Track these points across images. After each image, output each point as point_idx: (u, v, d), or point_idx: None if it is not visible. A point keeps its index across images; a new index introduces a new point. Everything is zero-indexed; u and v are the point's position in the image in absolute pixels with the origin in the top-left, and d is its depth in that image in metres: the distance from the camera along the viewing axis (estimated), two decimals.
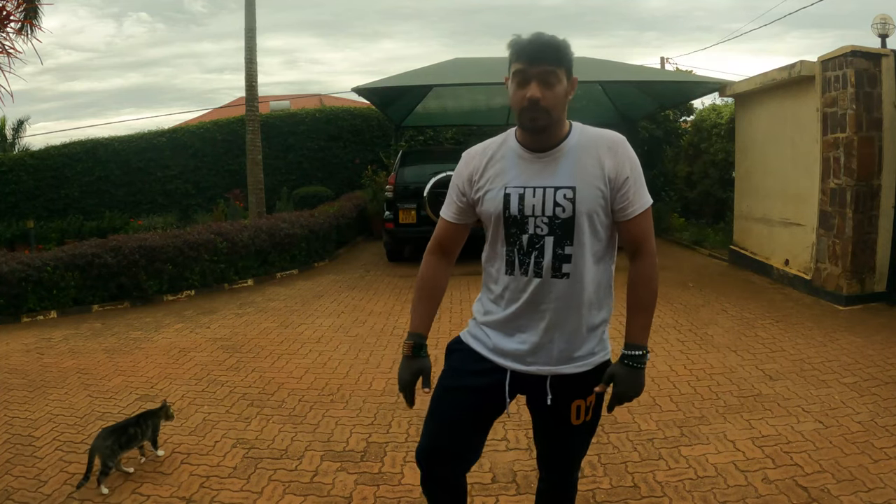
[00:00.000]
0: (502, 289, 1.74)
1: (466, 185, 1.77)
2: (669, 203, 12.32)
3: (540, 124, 1.63)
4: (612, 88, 12.17)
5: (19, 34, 4.10)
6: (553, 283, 1.68)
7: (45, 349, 5.36)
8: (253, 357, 4.91)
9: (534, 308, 1.70)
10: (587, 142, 1.70)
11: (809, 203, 6.55)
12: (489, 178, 1.72)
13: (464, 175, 1.78)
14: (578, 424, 1.76)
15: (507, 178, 1.69)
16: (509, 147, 1.74)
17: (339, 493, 2.81)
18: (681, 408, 3.64)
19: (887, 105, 5.85)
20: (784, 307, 5.98)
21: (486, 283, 1.83)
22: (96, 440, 2.96)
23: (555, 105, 1.62)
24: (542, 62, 1.59)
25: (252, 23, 10.73)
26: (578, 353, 1.74)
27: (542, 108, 1.60)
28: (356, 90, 8.86)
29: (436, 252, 1.88)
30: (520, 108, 1.63)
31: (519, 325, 1.73)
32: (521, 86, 1.62)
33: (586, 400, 1.76)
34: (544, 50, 1.60)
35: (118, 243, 7.09)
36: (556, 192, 1.65)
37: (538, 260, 1.67)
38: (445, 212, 1.85)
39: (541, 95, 1.59)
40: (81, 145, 15.41)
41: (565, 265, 1.68)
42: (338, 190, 14.31)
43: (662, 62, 18.98)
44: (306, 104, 17.65)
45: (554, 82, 1.62)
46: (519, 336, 1.73)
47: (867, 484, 2.71)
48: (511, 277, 1.71)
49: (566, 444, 1.82)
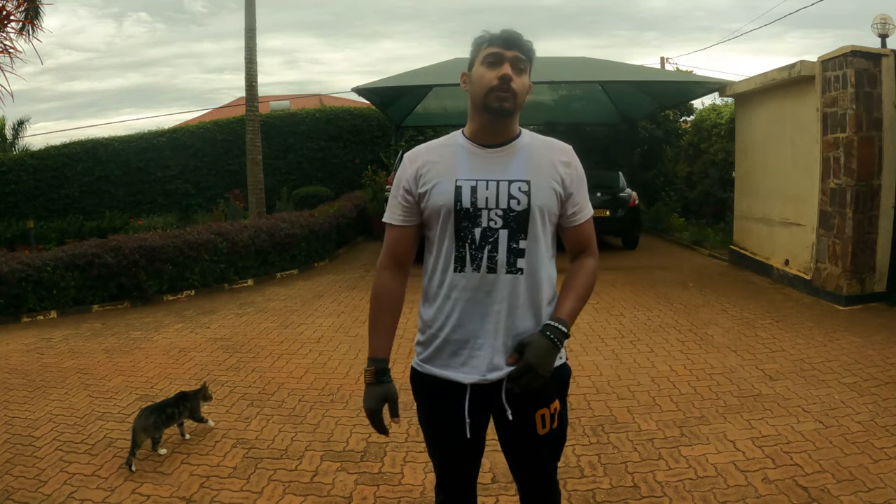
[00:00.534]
0: (449, 290, 1.65)
1: (412, 182, 1.69)
2: (669, 203, 12.32)
3: (507, 106, 1.61)
4: (612, 88, 12.17)
5: (20, 34, 4.10)
6: (507, 278, 1.62)
7: (45, 349, 5.36)
8: (253, 357, 4.91)
9: (487, 308, 1.63)
10: (540, 145, 1.70)
11: (809, 203, 6.55)
12: (438, 172, 1.66)
13: (409, 172, 1.70)
14: (545, 434, 1.68)
15: (458, 172, 1.65)
16: (458, 144, 1.71)
17: (339, 493, 2.81)
18: (681, 408, 3.64)
19: (887, 105, 5.85)
20: (784, 307, 5.98)
21: (427, 292, 1.73)
22: (138, 420, 3.21)
23: (520, 92, 1.62)
24: (515, 49, 1.62)
25: (252, 23, 10.74)
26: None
27: (513, 88, 1.60)
28: (356, 90, 8.87)
29: (389, 266, 1.75)
30: (488, 88, 1.60)
31: (471, 330, 1.64)
32: (492, 66, 1.61)
33: (550, 407, 1.68)
34: (519, 39, 1.63)
35: (118, 243, 7.09)
36: (511, 184, 1.62)
37: (492, 254, 1.62)
38: (390, 216, 1.74)
39: (513, 77, 1.60)
40: (81, 145, 15.41)
41: (520, 260, 1.63)
42: (338, 190, 14.31)
43: (662, 62, 18.99)
44: (306, 104, 17.66)
45: (524, 70, 1.64)
46: (471, 341, 1.65)
47: (867, 484, 2.71)
48: (461, 275, 1.64)
49: (536, 454, 1.74)
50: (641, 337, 5.11)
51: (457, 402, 1.67)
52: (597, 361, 4.51)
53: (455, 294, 1.65)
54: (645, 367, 4.39)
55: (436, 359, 1.70)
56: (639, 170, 13.53)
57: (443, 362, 1.69)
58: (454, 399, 1.68)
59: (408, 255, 1.76)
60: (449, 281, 1.66)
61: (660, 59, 19.30)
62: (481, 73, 1.62)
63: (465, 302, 1.64)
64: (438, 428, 1.77)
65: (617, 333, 5.24)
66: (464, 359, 1.66)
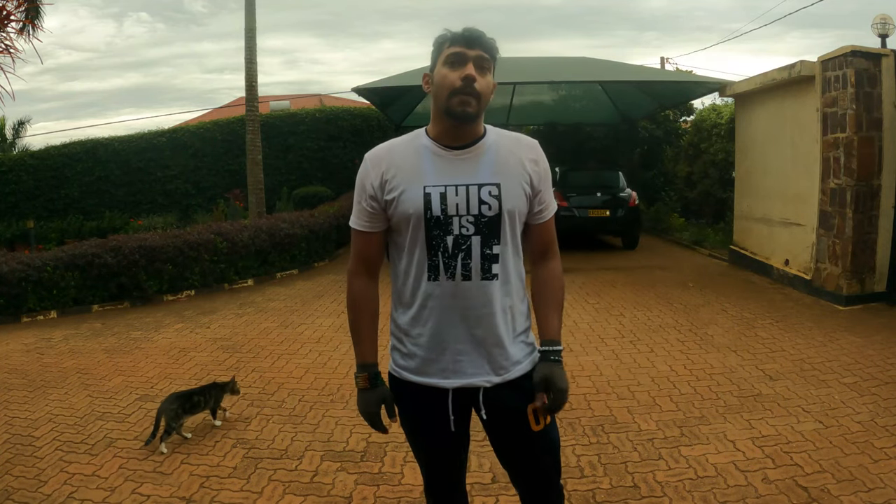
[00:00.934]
0: (424, 298, 1.61)
1: (377, 188, 1.62)
2: (669, 203, 12.32)
3: (470, 110, 1.56)
4: (612, 88, 12.17)
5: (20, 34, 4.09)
6: (482, 285, 1.59)
7: (45, 349, 5.36)
8: (253, 357, 4.91)
9: (463, 314, 1.60)
10: (507, 142, 1.66)
11: (809, 203, 6.55)
12: (403, 178, 1.60)
13: (372, 177, 1.63)
14: (540, 430, 1.63)
15: (425, 177, 1.59)
16: (422, 144, 1.64)
17: (339, 493, 2.81)
18: (681, 408, 3.64)
19: (887, 105, 5.85)
20: (784, 307, 5.98)
21: (401, 298, 1.68)
22: (164, 402, 3.36)
23: (484, 93, 1.58)
24: (478, 47, 1.57)
25: (252, 23, 10.74)
26: (516, 356, 1.66)
27: (476, 90, 1.55)
28: (356, 90, 8.87)
29: (360, 272, 1.72)
30: (451, 90, 1.55)
31: (450, 336, 1.61)
32: (455, 66, 1.56)
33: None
34: (481, 37, 1.58)
35: (118, 243, 7.10)
36: (481, 189, 1.58)
37: (465, 262, 1.58)
38: (357, 221, 1.68)
39: (476, 77, 1.55)
40: (81, 145, 15.40)
41: (494, 265, 1.60)
42: (338, 190, 14.30)
43: (662, 62, 18.98)
44: (306, 104, 17.65)
45: (487, 69, 1.59)
46: (452, 349, 1.62)
47: (867, 484, 2.71)
48: (435, 284, 1.60)
49: (533, 456, 1.71)
50: (641, 337, 5.11)
51: (440, 404, 1.66)
52: (597, 361, 4.51)
53: (430, 302, 1.62)
54: (645, 367, 4.38)
55: (414, 366, 1.67)
56: (639, 170, 13.53)
57: (422, 369, 1.66)
58: (436, 401, 1.66)
59: (377, 259, 1.73)
60: (423, 289, 1.62)
61: (660, 59, 19.31)
62: (444, 74, 1.57)
63: (441, 309, 1.61)
64: (422, 430, 1.75)
65: (617, 333, 5.23)
66: (444, 365, 1.63)
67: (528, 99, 13.64)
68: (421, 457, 1.82)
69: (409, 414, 1.75)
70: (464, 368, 1.63)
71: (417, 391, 1.68)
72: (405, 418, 1.77)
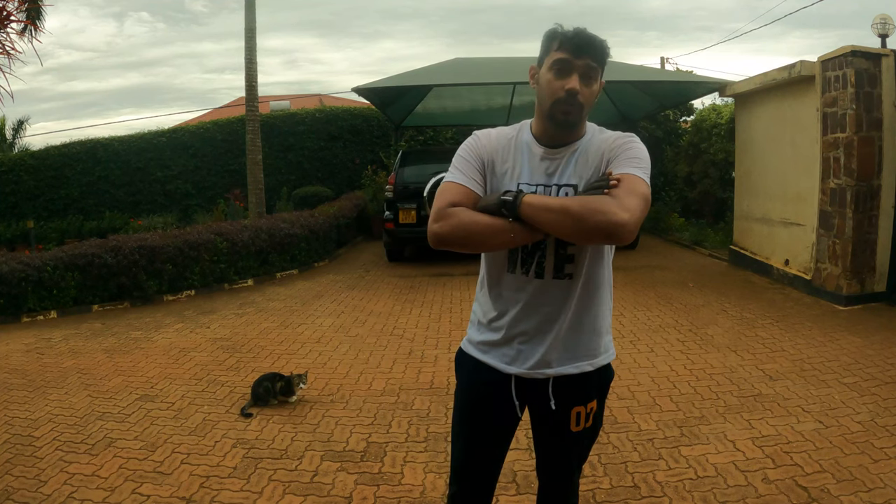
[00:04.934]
0: (502, 289, 1.68)
1: (487, 163, 1.65)
2: (669, 203, 12.32)
3: (572, 119, 1.58)
4: (612, 88, 12.15)
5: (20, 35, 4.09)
6: (554, 283, 1.63)
7: (45, 349, 5.36)
8: (253, 357, 4.91)
9: (535, 309, 1.65)
10: (599, 141, 1.64)
11: (809, 203, 6.55)
12: (505, 171, 1.65)
13: (484, 151, 1.65)
14: (578, 431, 1.71)
15: (521, 174, 1.64)
16: (523, 140, 1.67)
17: (339, 493, 2.81)
18: (681, 408, 3.64)
19: (887, 105, 5.85)
20: (784, 307, 5.98)
21: (484, 282, 1.75)
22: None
23: (588, 102, 1.57)
24: (586, 56, 1.54)
25: (252, 23, 10.74)
26: (580, 353, 1.69)
27: (579, 102, 1.55)
28: (356, 90, 8.87)
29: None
30: (554, 99, 1.56)
31: (520, 327, 1.67)
32: (560, 75, 1.55)
33: (586, 406, 1.71)
34: (591, 44, 1.55)
35: (118, 243, 7.09)
36: (560, 189, 1.61)
37: (540, 260, 1.62)
38: (460, 177, 1.62)
39: (580, 90, 1.54)
40: (81, 145, 15.41)
41: (567, 265, 1.62)
42: (338, 190, 14.31)
43: (662, 62, 18.97)
44: (306, 104, 17.66)
45: (593, 79, 1.58)
46: (520, 339, 1.67)
47: (867, 484, 2.71)
48: (512, 276, 1.66)
49: (566, 451, 1.77)
50: (641, 337, 5.11)
51: (502, 386, 1.70)
52: None
53: (506, 293, 1.68)
54: (645, 367, 4.39)
55: (483, 346, 1.73)
56: None
57: (488, 351, 1.72)
58: (498, 383, 1.71)
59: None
60: (502, 280, 1.68)
61: (660, 59, 19.30)
62: (548, 80, 1.58)
63: (515, 301, 1.66)
64: (477, 405, 1.76)
65: (617, 333, 5.24)
66: (508, 352, 1.69)
67: (528, 99, 13.61)
68: (461, 435, 1.81)
69: (466, 388, 1.79)
70: (525, 359, 1.67)
71: (480, 368, 1.73)
72: (462, 389, 1.80)
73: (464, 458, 1.82)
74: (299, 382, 3.92)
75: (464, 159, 1.66)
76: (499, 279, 1.69)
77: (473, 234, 1.53)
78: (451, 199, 1.58)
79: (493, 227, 1.51)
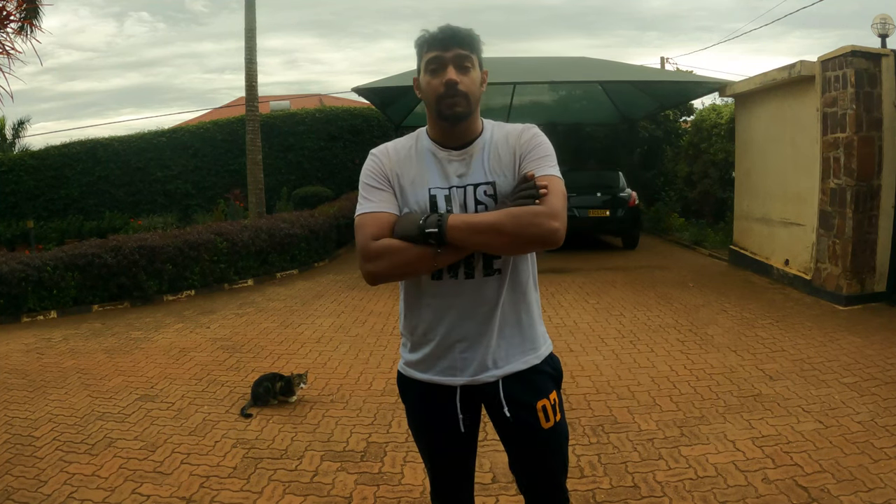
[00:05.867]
0: (431, 297, 1.63)
1: (392, 178, 1.62)
2: (669, 203, 12.32)
3: (459, 111, 1.56)
4: (612, 88, 12.17)
5: (19, 35, 4.09)
6: (485, 281, 1.60)
7: (45, 349, 5.36)
8: (253, 357, 4.91)
9: (470, 311, 1.61)
10: (502, 135, 1.64)
11: (809, 203, 6.55)
12: (411, 178, 1.61)
13: (386, 167, 1.63)
14: (550, 428, 1.65)
15: (429, 179, 1.61)
16: (424, 147, 1.64)
17: (339, 493, 2.81)
18: (681, 408, 3.64)
19: (887, 105, 5.85)
20: (784, 307, 5.98)
21: (408, 296, 1.69)
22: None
23: (471, 90, 1.57)
24: (455, 47, 1.55)
25: (252, 23, 10.74)
26: (526, 346, 1.66)
27: (461, 91, 1.55)
28: (356, 90, 8.87)
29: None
30: (436, 97, 1.56)
31: (458, 333, 1.62)
32: (436, 73, 1.56)
33: (549, 398, 1.66)
34: (456, 35, 1.56)
35: (118, 243, 7.10)
36: (477, 188, 1.59)
37: (469, 260, 1.59)
38: (371, 205, 1.59)
39: (458, 79, 1.54)
40: (81, 145, 15.40)
41: (496, 261, 1.60)
42: (338, 190, 14.31)
43: (662, 62, 18.97)
44: (306, 104, 17.66)
45: (469, 67, 1.57)
46: (460, 345, 1.62)
47: (867, 484, 2.70)
48: (438, 283, 1.61)
49: (543, 454, 1.70)
50: (641, 337, 5.11)
51: (447, 403, 1.66)
52: (597, 361, 4.51)
53: (434, 301, 1.63)
54: (645, 367, 4.38)
55: (421, 364, 1.68)
56: (639, 170, 13.53)
57: (428, 367, 1.66)
58: (444, 400, 1.66)
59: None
60: (426, 289, 1.63)
61: (660, 59, 19.30)
62: (427, 81, 1.58)
63: (445, 308, 1.62)
64: (429, 430, 1.74)
65: (617, 333, 5.23)
66: (450, 362, 1.64)
67: (528, 99, 13.63)
68: (427, 456, 1.79)
69: (416, 413, 1.75)
70: (469, 365, 1.63)
71: (425, 389, 1.68)
72: (412, 417, 1.76)
73: (434, 482, 1.81)
74: (300, 382, 3.92)
75: (370, 186, 1.62)
76: (426, 289, 1.63)
77: (407, 265, 1.53)
78: (373, 234, 1.55)
79: (422, 256, 1.51)
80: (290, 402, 3.87)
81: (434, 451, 1.76)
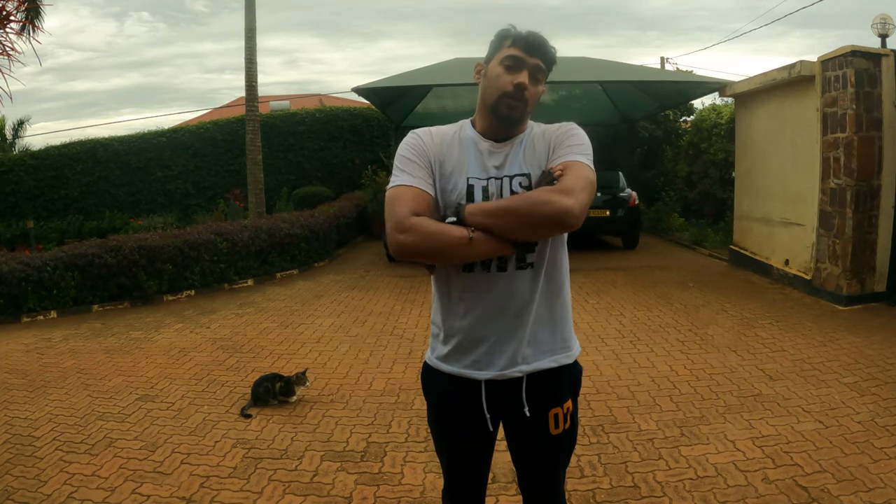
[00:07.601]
0: (463, 290, 1.62)
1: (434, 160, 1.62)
2: (669, 203, 12.32)
3: (516, 115, 1.59)
4: (612, 88, 12.18)
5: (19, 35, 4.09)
6: (518, 275, 1.60)
7: (45, 349, 5.36)
8: (253, 357, 4.91)
9: (502, 305, 1.60)
10: (541, 130, 1.67)
11: (809, 203, 6.55)
12: (451, 168, 1.62)
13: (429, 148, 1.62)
14: (558, 434, 1.66)
15: (469, 169, 1.62)
16: (467, 136, 1.66)
17: (339, 493, 2.81)
18: (681, 408, 3.64)
19: (887, 105, 5.85)
20: (784, 307, 5.98)
21: (440, 288, 1.68)
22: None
23: (532, 101, 1.60)
24: (537, 56, 1.58)
25: (252, 23, 10.74)
26: (556, 345, 1.66)
27: (525, 98, 1.58)
28: (356, 90, 8.87)
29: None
30: (501, 93, 1.57)
31: (488, 327, 1.61)
32: (511, 70, 1.57)
33: (563, 407, 1.67)
34: (542, 47, 1.59)
35: (118, 243, 7.09)
36: (512, 180, 1.60)
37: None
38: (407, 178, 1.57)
39: (528, 86, 1.57)
40: (81, 145, 15.42)
41: (528, 255, 1.60)
42: (338, 190, 14.32)
43: (662, 62, 18.97)
44: (306, 104, 17.66)
45: (540, 80, 1.61)
46: (490, 339, 1.62)
47: (867, 484, 2.71)
48: (470, 275, 1.60)
49: (547, 457, 1.71)
50: (641, 337, 5.11)
51: (472, 399, 1.65)
52: (597, 361, 4.51)
53: (466, 294, 1.62)
54: (645, 367, 4.39)
55: (449, 357, 1.67)
56: (639, 170, 13.53)
57: (456, 360, 1.66)
58: (469, 396, 1.65)
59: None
60: (458, 281, 1.62)
61: (660, 59, 19.30)
62: (497, 74, 1.59)
63: (476, 301, 1.61)
64: (450, 425, 1.72)
65: (617, 333, 5.24)
66: (478, 356, 1.63)
67: None
68: (444, 451, 1.78)
69: (439, 405, 1.74)
70: (497, 360, 1.62)
71: (450, 383, 1.68)
72: (434, 409, 1.76)
73: (449, 479, 1.80)
74: (300, 382, 3.92)
75: (408, 160, 1.60)
76: (457, 281, 1.63)
77: (441, 245, 1.50)
78: (412, 209, 1.53)
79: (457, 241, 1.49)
80: (290, 402, 3.87)
81: (455, 447, 1.75)
